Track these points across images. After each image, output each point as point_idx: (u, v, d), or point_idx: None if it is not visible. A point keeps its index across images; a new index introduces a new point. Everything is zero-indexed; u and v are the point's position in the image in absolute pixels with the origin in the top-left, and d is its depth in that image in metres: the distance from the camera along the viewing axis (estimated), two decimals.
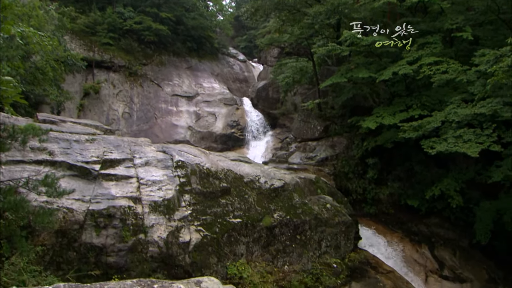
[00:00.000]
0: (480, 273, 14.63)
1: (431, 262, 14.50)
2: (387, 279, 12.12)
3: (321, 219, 11.49)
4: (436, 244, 15.20)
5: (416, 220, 16.01)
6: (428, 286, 13.92)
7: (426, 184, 15.84)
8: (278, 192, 11.54)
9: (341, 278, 11.27)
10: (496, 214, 14.04)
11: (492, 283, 14.53)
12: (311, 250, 11.22)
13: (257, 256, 10.44)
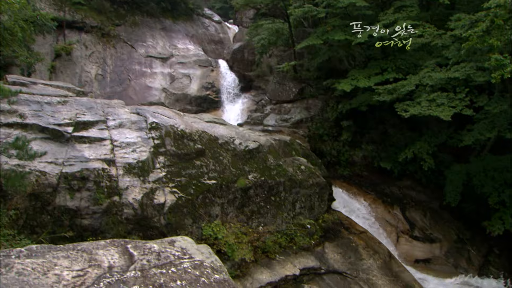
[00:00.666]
0: (449, 233, 15.09)
1: (403, 223, 14.88)
2: (360, 239, 12.42)
3: (295, 180, 11.62)
4: (408, 205, 15.58)
5: (388, 182, 16.34)
6: (399, 246, 14.33)
7: (399, 147, 16.10)
8: (252, 153, 11.59)
9: (314, 239, 11.50)
10: (466, 177, 14.38)
11: (460, 243, 15.01)
12: (285, 211, 11.38)
13: (232, 217, 10.55)
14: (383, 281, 11.63)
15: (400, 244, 14.39)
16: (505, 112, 13.04)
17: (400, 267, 12.64)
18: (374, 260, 12.01)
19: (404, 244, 14.45)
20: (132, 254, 4.01)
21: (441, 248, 14.68)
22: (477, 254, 14.95)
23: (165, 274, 3.68)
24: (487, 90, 14.24)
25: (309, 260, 10.94)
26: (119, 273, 3.62)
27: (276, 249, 10.76)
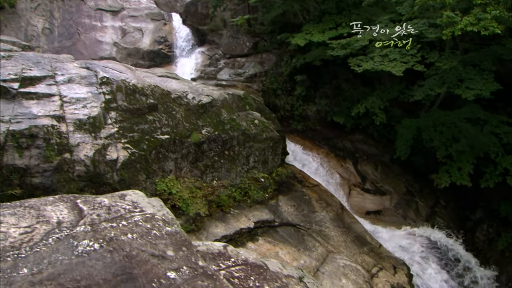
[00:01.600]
0: (399, 186, 15.66)
1: (355, 176, 15.32)
2: (313, 192, 12.73)
3: (249, 134, 11.69)
4: (360, 159, 16.00)
5: (341, 136, 16.68)
6: (351, 199, 14.80)
7: (352, 102, 16.37)
8: (206, 108, 11.55)
9: (268, 192, 11.71)
10: (416, 132, 14.81)
11: (409, 195, 15.63)
12: (240, 165, 11.49)
13: (186, 172, 10.59)
14: (335, 232, 12.03)
15: (352, 197, 14.87)
16: (454, 69, 13.38)
17: (352, 218, 13.08)
18: (326, 212, 12.37)
19: (356, 197, 14.94)
20: (81, 209, 3.99)
21: (391, 200, 15.26)
22: (424, 206, 15.63)
23: (116, 227, 3.66)
24: (438, 47, 14.54)
25: (263, 213, 11.16)
26: (68, 229, 3.62)
27: (231, 203, 10.92)
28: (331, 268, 10.85)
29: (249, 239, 10.66)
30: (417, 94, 14.07)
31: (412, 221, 14.82)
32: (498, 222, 16.47)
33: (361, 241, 12.36)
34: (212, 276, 3.44)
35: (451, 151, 14.39)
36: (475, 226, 16.94)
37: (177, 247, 3.63)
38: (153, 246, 3.50)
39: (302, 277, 4.65)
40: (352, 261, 11.38)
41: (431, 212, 15.81)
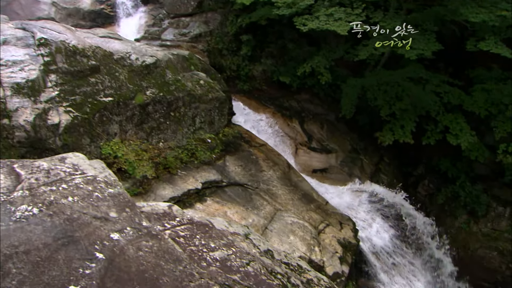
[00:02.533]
0: (344, 144, 16.10)
1: (301, 135, 15.61)
2: (260, 152, 12.92)
3: (194, 95, 11.66)
4: (306, 118, 16.29)
5: (287, 96, 16.86)
6: (298, 157, 15.12)
7: (298, 62, 16.49)
8: (150, 69, 11.40)
9: (215, 153, 11.81)
10: (360, 91, 15.13)
11: (354, 153, 16.11)
12: (186, 127, 11.50)
13: (131, 135, 10.52)
14: (282, 190, 12.32)
15: (298, 156, 15.19)
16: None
17: (298, 177, 13.39)
18: (274, 171, 12.62)
19: (303, 156, 15.27)
20: (19, 173, 3.90)
21: (337, 158, 15.70)
22: (369, 163, 16.17)
23: (55, 191, 3.58)
24: (382, 6, 14.79)
25: (210, 173, 11.28)
26: (5, 194, 3.55)
27: (178, 164, 10.95)
28: (279, 225, 11.14)
29: (197, 200, 10.77)
30: (362, 54, 14.31)
31: (357, 178, 15.32)
32: (438, 177, 17.27)
33: (308, 198, 12.71)
34: (157, 236, 3.46)
35: (394, 109, 14.84)
36: (417, 181, 17.72)
37: (120, 209, 3.61)
38: (95, 208, 3.46)
39: (248, 234, 4.79)
40: (299, 218, 11.72)
41: (376, 169, 16.39)
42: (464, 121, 15.17)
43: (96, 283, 2.74)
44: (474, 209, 16.43)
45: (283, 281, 4.22)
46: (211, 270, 3.45)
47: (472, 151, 15.72)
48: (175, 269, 3.17)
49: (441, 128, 15.35)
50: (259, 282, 3.75)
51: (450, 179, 17.00)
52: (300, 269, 5.18)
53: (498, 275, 16.32)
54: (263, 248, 4.67)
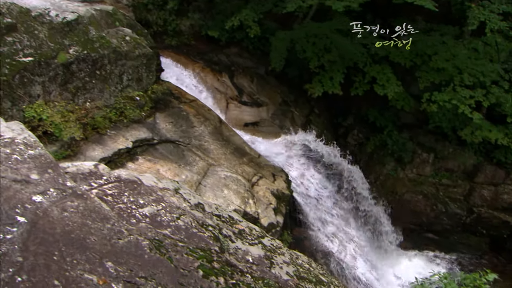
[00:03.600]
0: (275, 97, 16.37)
1: (231, 90, 15.70)
2: (190, 108, 12.92)
3: (120, 52, 11.41)
4: (236, 72, 16.34)
5: (216, 50, 16.79)
6: (229, 112, 15.25)
7: (226, 15, 16.37)
8: (72, 26, 11.01)
9: (145, 110, 11.71)
10: (289, 43, 15.31)
11: (285, 106, 16.43)
12: (113, 85, 11.28)
13: (55, 96, 10.24)
14: (215, 145, 12.48)
15: (229, 110, 15.32)
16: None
17: (230, 131, 13.56)
18: (205, 127, 12.72)
19: (234, 110, 15.41)
20: None
21: (268, 111, 15.97)
22: (300, 115, 16.57)
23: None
24: None
25: (141, 132, 11.22)
26: None
27: (106, 124, 10.80)
28: (212, 180, 11.35)
29: (128, 159, 10.74)
30: (290, 6, 14.38)
31: (289, 130, 15.68)
32: (367, 127, 17.99)
33: (241, 152, 12.94)
34: (83, 196, 3.46)
35: (323, 61, 15.17)
36: (347, 132, 18.39)
37: (42, 170, 3.53)
38: (15, 171, 3.37)
39: (178, 188, 4.89)
40: (232, 172, 11.95)
41: (306, 120, 16.83)
42: (390, 71, 15.76)
43: (18, 247, 2.71)
44: (400, 156, 17.30)
45: (214, 233, 4.38)
46: (141, 226, 3.52)
47: (398, 100, 16.43)
48: (102, 228, 3.20)
49: (368, 79, 15.89)
50: (190, 235, 3.89)
51: (378, 128, 17.75)
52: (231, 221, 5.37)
53: (423, 217, 17.44)
54: (194, 201, 4.79)
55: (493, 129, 15.76)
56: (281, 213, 12.27)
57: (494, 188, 17.62)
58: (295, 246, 12.96)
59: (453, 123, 16.85)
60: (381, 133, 17.63)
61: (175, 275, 3.16)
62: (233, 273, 3.96)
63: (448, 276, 10.03)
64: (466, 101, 14.91)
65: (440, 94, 15.24)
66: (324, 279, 6.26)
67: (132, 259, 3.03)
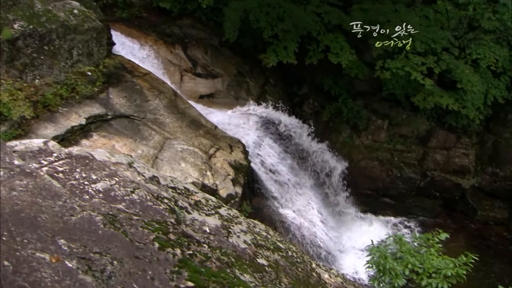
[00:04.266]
0: (230, 68, 16.36)
1: (185, 62, 15.60)
2: (144, 81, 12.80)
3: (69, 26, 11.14)
4: (189, 44, 16.20)
5: (169, 22, 16.53)
6: (183, 84, 15.18)
7: None
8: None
9: (97, 86, 11.53)
10: (243, 13, 15.24)
11: (240, 76, 16.45)
12: (63, 61, 11.04)
13: (2, 74, 9.96)
14: (170, 119, 12.46)
15: (184, 83, 15.25)
16: None
17: (185, 104, 13.54)
18: (160, 100, 12.65)
19: (188, 82, 15.35)
20: None
21: (223, 82, 15.98)
22: (255, 85, 16.65)
23: None
24: None
25: (94, 108, 11.08)
26: None
27: (58, 101, 10.60)
28: (169, 154, 11.37)
29: (82, 136, 10.62)
30: None
31: (245, 101, 15.75)
32: (322, 96, 18.23)
33: (197, 124, 12.97)
34: (32, 174, 3.44)
35: (276, 31, 15.18)
36: (302, 101, 18.58)
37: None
38: None
39: (132, 162, 4.91)
40: (189, 144, 12.00)
41: (262, 90, 16.93)
42: (344, 40, 15.95)
43: None
44: (356, 123, 17.66)
45: (170, 205, 4.44)
46: (94, 202, 3.54)
47: (352, 68, 16.69)
48: (54, 205, 3.20)
49: (322, 47, 16.03)
50: (145, 208, 3.94)
51: (333, 96, 18.02)
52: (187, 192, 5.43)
53: (379, 182, 17.93)
54: (148, 175, 4.83)
55: (444, 95, 16.22)
56: (239, 184, 12.42)
57: (446, 152, 18.24)
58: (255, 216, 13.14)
59: (406, 89, 17.24)
60: (336, 101, 17.91)
61: (131, 248, 3.21)
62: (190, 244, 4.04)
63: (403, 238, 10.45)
64: (418, 68, 15.30)
65: (393, 61, 15.57)
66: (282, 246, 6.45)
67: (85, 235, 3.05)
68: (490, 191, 18.69)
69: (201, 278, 3.56)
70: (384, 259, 9.57)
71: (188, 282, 3.37)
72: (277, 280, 5.20)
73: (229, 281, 3.87)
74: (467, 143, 18.35)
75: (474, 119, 16.59)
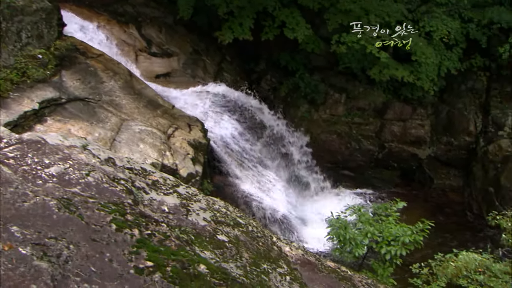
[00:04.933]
0: (185, 46, 16.24)
1: (140, 41, 15.39)
2: (98, 63, 12.58)
3: (15, 7, 10.76)
4: (143, 23, 15.94)
5: (121, 0, 16.14)
6: (139, 64, 15.01)
7: None
8: None
9: (49, 69, 11.27)
10: None
11: (196, 55, 16.36)
12: (11, 44, 10.71)
13: None
14: (127, 100, 12.33)
15: (139, 62, 15.06)
16: None
17: (141, 84, 13.40)
18: (115, 81, 12.49)
19: (143, 62, 15.17)
20: None
21: (179, 61, 15.86)
22: (211, 63, 16.60)
23: None
24: None
25: (47, 91, 10.85)
26: None
27: (8, 86, 10.30)
28: (127, 136, 11.28)
29: (36, 121, 10.41)
30: None
31: (201, 79, 15.71)
32: (280, 71, 18.34)
33: (154, 105, 12.89)
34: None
35: (231, 7, 15.15)
36: (260, 77, 18.65)
37: None
38: None
39: (86, 144, 4.87)
40: (147, 125, 11.93)
41: (218, 68, 16.90)
42: (299, 15, 16.02)
43: None
44: (313, 98, 17.86)
45: (127, 186, 4.47)
46: (48, 187, 3.52)
47: (308, 43, 16.80)
48: (5, 192, 3.18)
49: (278, 23, 16.07)
50: (101, 190, 3.96)
51: (291, 72, 18.15)
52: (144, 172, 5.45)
53: (339, 155, 18.27)
54: (104, 156, 4.81)
55: (399, 67, 16.55)
56: (199, 163, 12.46)
57: (403, 123, 18.70)
58: (217, 194, 13.24)
59: (362, 63, 17.51)
60: (294, 76, 18.05)
61: (87, 231, 3.24)
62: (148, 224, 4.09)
63: (362, 208, 10.76)
64: (373, 41, 15.51)
65: (349, 35, 15.73)
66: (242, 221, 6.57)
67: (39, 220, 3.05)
68: (446, 160, 19.31)
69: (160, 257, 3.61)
70: (344, 230, 9.86)
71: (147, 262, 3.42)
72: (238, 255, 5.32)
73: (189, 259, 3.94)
74: (422, 114, 18.85)
75: (428, 90, 17.00)
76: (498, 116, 18.15)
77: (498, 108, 18.09)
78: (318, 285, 6.70)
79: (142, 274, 3.26)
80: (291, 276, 6.21)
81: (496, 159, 17.54)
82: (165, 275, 3.42)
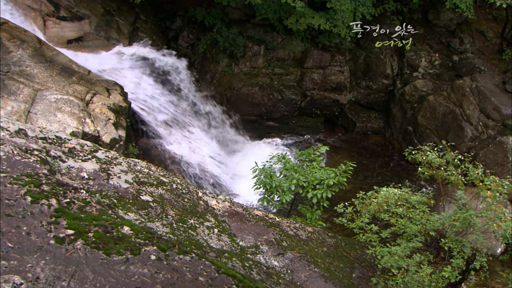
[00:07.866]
0: (96, 8, 15.77)
1: (46, 6, 14.76)
2: (2, 32, 11.96)
3: None
4: None
5: None
6: (48, 30, 14.50)
7: None
8: None
9: None
10: None
11: (108, 16, 15.94)
12: None
13: None
14: (38, 69, 11.98)
15: (48, 28, 14.54)
16: None
17: (53, 51, 13.02)
18: (23, 50, 12.09)
19: (53, 27, 14.65)
20: None
21: (91, 24, 15.41)
22: (125, 24, 16.27)
23: None
24: None
25: None
26: None
27: None
28: (42, 106, 11.05)
29: None
30: None
31: (116, 41, 15.40)
32: (196, 27, 18.31)
33: (68, 71, 12.60)
34: None
35: None
36: (177, 34, 18.56)
37: None
38: None
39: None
40: (63, 94, 11.70)
41: (133, 28, 16.59)
42: None
43: None
44: (233, 52, 18.00)
45: (41, 156, 4.54)
46: None
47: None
48: None
49: None
50: (13, 163, 4.02)
51: (208, 27, 18.12)
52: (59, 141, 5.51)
53: (262, 107, 18.64)
54: (14, 128, 4.83)
55: (315, 15, 16.87)
56: (122, 127, 12.46)
57: (322, 71, 19.25)
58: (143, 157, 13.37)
59: (279, 13, 17.69)
60: (211, 31, 18.05)
61: (0, 207, 3.32)
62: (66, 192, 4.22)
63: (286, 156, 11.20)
64: None
65: None
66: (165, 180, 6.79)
67: None
68: (366, 104, 20.20)
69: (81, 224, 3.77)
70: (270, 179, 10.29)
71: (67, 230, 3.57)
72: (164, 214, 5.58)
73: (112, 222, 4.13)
74: (341, 61, 19.47)
75: (345, 37, 17.53)
76: (412, 58, 19.04)
77: (412, 51, 18.91)
78: (247, 234, 7.11)
79: (63, 243, 3.40)
80: (219, 228, 6.56)
81: (413, 99, 18.51)
82: (88, 241, 3.60)
